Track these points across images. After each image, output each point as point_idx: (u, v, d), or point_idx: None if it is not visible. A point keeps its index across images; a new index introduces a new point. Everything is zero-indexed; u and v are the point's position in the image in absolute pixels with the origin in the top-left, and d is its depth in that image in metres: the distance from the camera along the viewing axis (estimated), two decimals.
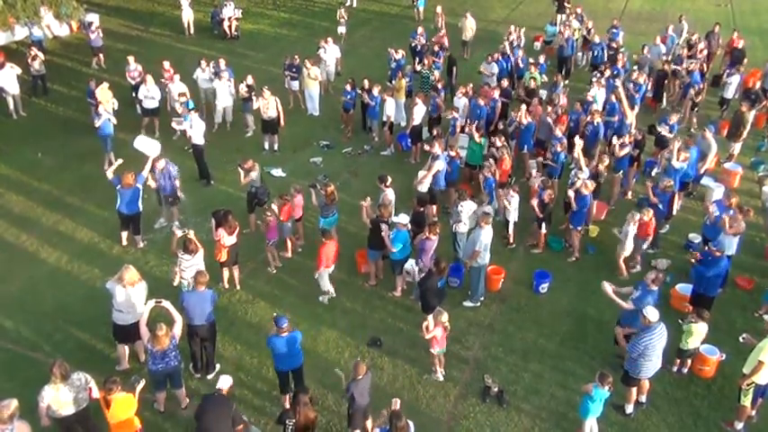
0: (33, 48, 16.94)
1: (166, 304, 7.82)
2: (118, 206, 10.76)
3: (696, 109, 15.36)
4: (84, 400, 7.02)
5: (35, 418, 6.88)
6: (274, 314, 7.85)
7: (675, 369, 8.67)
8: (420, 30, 18.68)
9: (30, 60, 16.43)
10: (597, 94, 14.37)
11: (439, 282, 8.96)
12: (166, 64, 15.53)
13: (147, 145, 11.34)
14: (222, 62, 15.44)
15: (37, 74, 16.62)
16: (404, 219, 9.77)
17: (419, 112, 13.80)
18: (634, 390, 8.08)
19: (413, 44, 18.36)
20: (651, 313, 7.65)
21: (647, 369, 7.80)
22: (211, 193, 12.87)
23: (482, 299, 10.07)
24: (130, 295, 8.14)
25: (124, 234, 11.15)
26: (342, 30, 20.37)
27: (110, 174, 10.80)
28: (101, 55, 18.93)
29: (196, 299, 8.15)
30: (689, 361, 8.67)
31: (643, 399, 8.29)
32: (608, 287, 8.57)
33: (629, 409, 8.17)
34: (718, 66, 18.23)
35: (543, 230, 10.93)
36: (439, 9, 20.88)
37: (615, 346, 8.88)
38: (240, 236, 10.07)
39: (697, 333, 8.37)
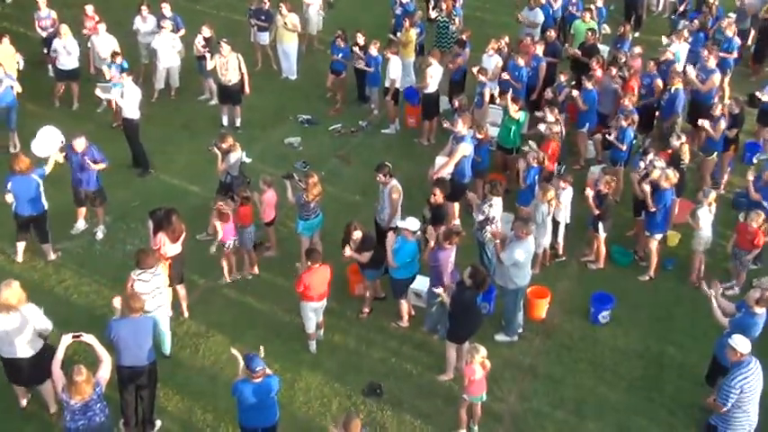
0: None
1: (89, 339, 7.77)
2: (14, 207, 10.64)
3: None
4: None
5: None
6: (247, 353, 7.82)
7: None
8: None
9: None
10: (679, 50, 14.35)
11: (477, 299, 9.01)
12: (89, 9, 15.55)
13: (46, 142, 11.23)
14: (167, 7, 15.49)
15: None
16: (413, 224, 9.74)
17: (435, 74, 13.80)
18: None
19: None
20: (742, 343, 7.61)
21: (745, 422, 7.73)
22: (149, 186, 12.89)
23: (520, 331, 10.08)
24: (13, 322, 8.09)
25: (20, 245, 11.05)
26: None
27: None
28: None
29: (130, 330, 8.10)
30: None
31: None
32: (714, 289, 8.79)
33: None
34: None
35: (602, 234, 10.93)
36: None
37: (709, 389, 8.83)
38: (186, 243, 10.06)
39: None
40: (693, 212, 10.57)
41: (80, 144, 11.04)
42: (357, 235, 9.82)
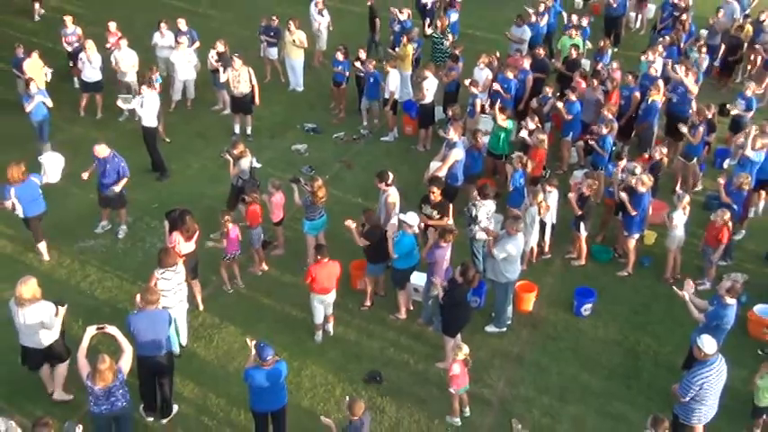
0: None
1: (112, 330, 7.84)
2: (23, 212, 10.62)
3: None
4: None
5: None
6: (257, 341, 7.88)
7: None
8: None
9: None
10: (655, 64, 14.40)
11: (467, 295, 9.06)
12: (113, 26, 15.61)
13: (55, 167, 11.24)
14: (182, 22, 15.57)
15: None
16: (413, 219, 9.81)
17: (431, 86, 13.86)
18: None
19: (422, 0, 18.35)
20: (708, 344, 7.62)
21: (701, 414, 7.79)
22: (168, 189, 12.93)
23: (509, 323, 10.10)
24: (34, 316, 8.13)
25: (42, 245, 11.09)
26: None
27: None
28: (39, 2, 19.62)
29: (147, 322, 8.16)
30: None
31: None
32: (687, 289, 8.74)
33: None
34: None
35: (583, 233, 10.99)
36: None
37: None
38: (200, 242, 10.10)
39: None
40: (670, 214, 10.63)
41: (102, 150, 11.05)
42: (365, 218, 9.93)
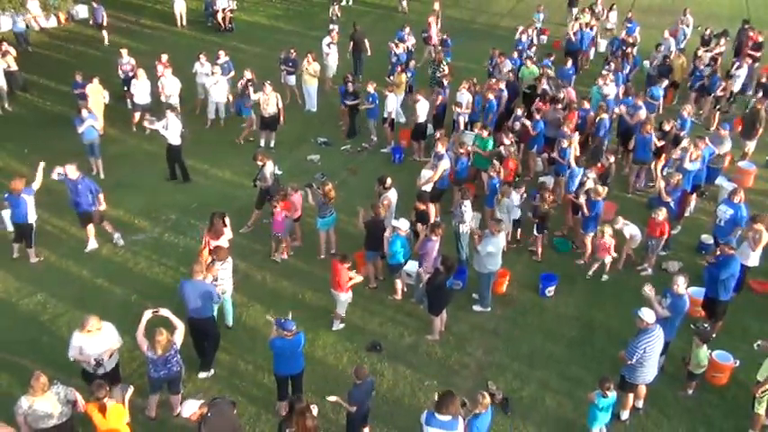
0: (4, 43, 16.48)
1: (165, 312, 7.83)
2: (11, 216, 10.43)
3: (717, 107, 15.37)
4: (65, 414, 6.91)
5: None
6: (277, 318, 7.84)
7: (691, 392, 8.62)
8: (407, 29, 18.28)
9: (0, 57, 16.08)
10: (607, 89, 14.37)
11: (447, 281, 9.05)
12: (164, 57, 15.60)
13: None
14: (222, 54, 15.64)
15: (8, 70, 16.07)
16: (404, 224, 9.79)
17: (422, 108, 13.80)
18: (631, 396, 8.12)
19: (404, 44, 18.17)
20: (647, 315, 7.68)
21: (644, 374, 7.83)
22: (204, 192, 12.88)
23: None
24: (97, 343, 7.56)
25: (15, 245, 10.76)
26: (333, 27, 20.13)
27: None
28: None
29: (192, 289, 8.20)
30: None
31: (640, 404, 8.33)
32: (650, 292, 8.49)
33: (625, 415, 8.20)
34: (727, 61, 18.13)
35: (538, 234, 11.00)
36: (437, 6, 20.70)
37: None
38: (231, 237, 10.04)
39: (704, 356, 8.37)
40: (630, 239, 10.57)
41: (72, 172, 10.43)
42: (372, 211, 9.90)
